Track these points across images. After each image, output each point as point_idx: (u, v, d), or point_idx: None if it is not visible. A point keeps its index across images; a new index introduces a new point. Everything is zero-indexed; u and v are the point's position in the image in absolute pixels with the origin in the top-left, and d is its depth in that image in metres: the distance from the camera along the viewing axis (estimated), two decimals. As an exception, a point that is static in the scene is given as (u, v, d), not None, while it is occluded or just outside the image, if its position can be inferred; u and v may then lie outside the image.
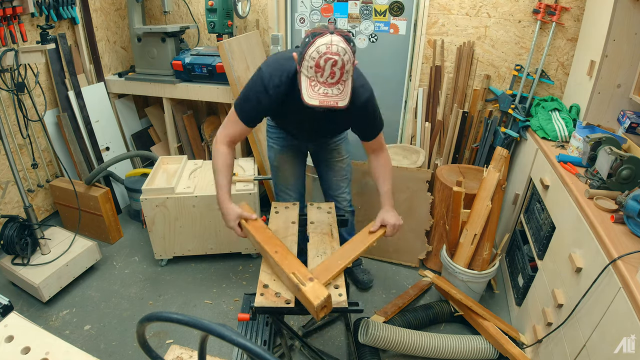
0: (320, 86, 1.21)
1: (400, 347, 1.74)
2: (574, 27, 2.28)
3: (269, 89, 1.41)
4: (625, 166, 1.47)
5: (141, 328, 0.61)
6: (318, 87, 1.22)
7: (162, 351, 1.40)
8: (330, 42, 1.18)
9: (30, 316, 1.98)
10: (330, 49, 1.18)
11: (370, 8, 2.66)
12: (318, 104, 1.21)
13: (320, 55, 1.18)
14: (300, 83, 1.26)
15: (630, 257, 1.17)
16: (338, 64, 1.19)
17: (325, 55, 1.17)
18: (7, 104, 2.22)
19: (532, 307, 1.79)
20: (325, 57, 1.17)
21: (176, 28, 2.61)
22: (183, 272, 2.35)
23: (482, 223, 1.88)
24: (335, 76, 1.20)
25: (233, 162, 1.55)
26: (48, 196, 2.63)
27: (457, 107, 2.59)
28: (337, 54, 1.18)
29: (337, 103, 1.23)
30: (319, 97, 1.21)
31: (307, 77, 1.23)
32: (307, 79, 1.23)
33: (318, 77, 1.21)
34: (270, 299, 1.27)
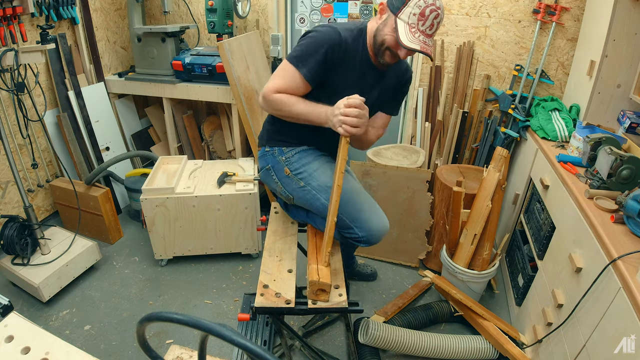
0: (420, 34, 1.24)
1: (400, 347, 1.74)
2: (574, 27, 2.28)
3: (343, 40, 1.32)
4: (625, 166, 1.47)
5: (141, 328, 0.61)
6: (418, 34, 1.24)
7: (162, 351, 1.40)
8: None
9: (30, 316, 1.98)
10: (435, 1, 1.22)
11: (370, 8, 2.66)
12: (419, 48, 1.23)
13: (427, 5, 1.21)
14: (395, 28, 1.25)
15: (630, 257, 1.17)
16: (439, 17, 1.24)
17: (431, 6, 1.22)
18: (7, 104, 2.22)
19: (532, 307, 1.79)
20: (431, 7, 1.22)
21: (176, 28, 2.61)
22: (183, 272, 2.35)
23: (482, 223, 1.88)
24: (433, 28, 1.25)
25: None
26: (48, 196, 2.63)
27: (457, 107, 2.59)
28: (439, 8, 1.24)
29: (432, 52, 1.28)
30: (419, 43, 1.24)
31: (406, 23, 1.24)
32: (406, 25, 1.24)
33: (419, 25, 1.23)
34: (270, 299, 1.27)
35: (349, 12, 2.71)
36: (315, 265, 1.29)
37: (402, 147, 2.55)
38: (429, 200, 2.25)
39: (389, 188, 2.29)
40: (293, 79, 1.35)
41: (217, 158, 3.00)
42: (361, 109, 1.22)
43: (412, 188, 2.26)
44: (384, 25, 1.31)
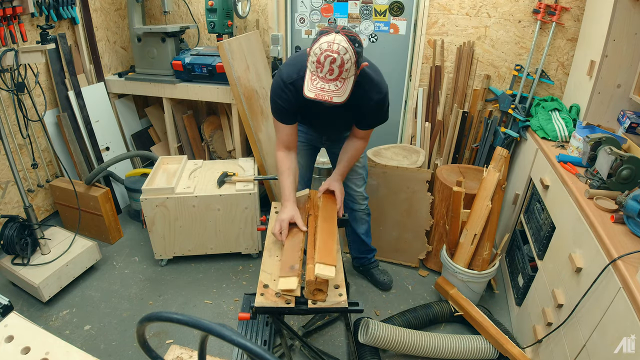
0: (319, 81, 1.29)
1: (400, 347, 1.74)
2: (574, 27, 2.28)
3: (287, 84, 1.51)
4: (625, 166, 1.47)
5: (141, 328, 0.61)
6: (317, 81, 1.30)
7: (162, 351, 1.40)
8: (332, 40, 1.25)
9: (30, 316, 1.98)
10: (331, 47, 1.24)
11: (370, 8, 2.66)
12: (313, 96, 1.30)
13: (322, 52, 1.25)
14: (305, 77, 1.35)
15: (630, 257, 1.17)
16: (337, 61, 1.25)
17: (326, 52, 1.25)
18: (7, 104, 2.22)
19: (532, 307, 1.79)
20: (326, 54, 1.25)
21: (176, 28, 2.61)
22: (183, 272, 2.35)
23: (482, 223, 1.88)
24: (334, 73, 1.27)
25: (293, 163, 1.66)
26: (48, 196, 2.63)
27: (457, 107, 2.59)
28: (337, 52, 1.24)
29: (331, 98, 1.30)
30: (315, 90, 1.30)
31: (310, 71, 1.31)
32: (309, 73, 1.32)
33: (318, 72, 1.28)
34: (270, 299, 1.27)
35: (349, 12, 2.71)
36: (312, 265, 1.29)
37: (402, 147, 2.55)
38: (429, 200, 2.25)
39: (389, 188, 2.29)
40: (280, 127, 1.63)
41: (217, 158, 3.00)
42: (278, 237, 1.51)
43: (412, 188, 2.26)
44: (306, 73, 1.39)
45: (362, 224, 2.13)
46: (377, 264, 2.30)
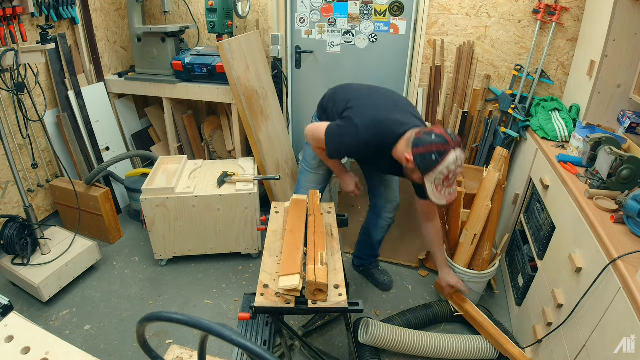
0: (445, 189, 1.43)
1: (401, 346, 1.74)
2: (574, 27, 2.28)
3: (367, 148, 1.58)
4: (625, 166, 1.47)
5: (141, 328, 0.61)
6: (444, 191, 1.42)
7: (162, 351, 1.40)
8: (456, 159, 1.36)
9: (30, 316, 1.98)
10: (457, 164, 1.37)
11: (370, 8, 2.66)
12: (446, 203, 1.44)
13: (450, 171, 1.37)
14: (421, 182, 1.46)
15: (630, 257, 1.17)
16: (459, 174, 1.42)
17: (455, 171, 1.38)
18: (7, 104, 2.22)
19: (532, 307, 1.79)
20: (454, 172, 1.38)
21: (176, 28, 2.60)
22: (183, 272, 2.35)
23: (482, 223, 1.88)
24: (455, 181, 1.44)
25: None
26: (48, 196, 2.63)
27: (457, 107, 2.59)
28: (461, 166, 1.40)
29: (455, 196, 1.48)
30: (445, 197, 1.43)
31: (433, 184, 1.42)
32: (433, 185, 1.42)
33: (444, 184, 1.41)
34: (270, 299, 1.27)
35: (349, 12, 2.71)
36: (312, 266, 1.29)
37: (402, 147, 2.55)
38: (429, 200, 2.25)
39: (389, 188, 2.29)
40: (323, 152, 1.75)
41: (217, 158, 3.00)
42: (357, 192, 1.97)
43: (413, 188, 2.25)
44: (412, 171, 1.49)
45: (382, 232, 2.12)
46: (377, 265, 2.30)
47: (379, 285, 2.26)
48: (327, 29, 2.81)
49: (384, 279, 2.25)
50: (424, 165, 1.39)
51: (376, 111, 1.60)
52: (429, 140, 1.38)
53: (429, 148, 1.37)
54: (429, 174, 1.39)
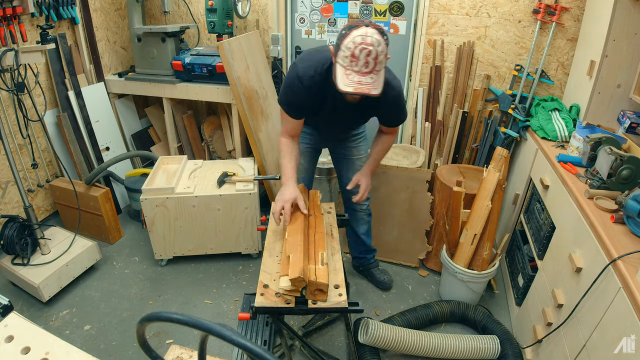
0: (354, 75, 1.28)
1: (401, 346, 1.74)
2: (574, 27, 2.28)
3: (304, 80, 1.51)
4: (625, 166, 1.47)
5: (141, 328, 0.61)
6: (353, 75, 1.28)
7: (162, 351, 1.39)
8: (365, 33, 1.25)
9: (30, 316, 1.98)
10: (365, 39, 1.24)
11: (370, 8, 2.66)
12: (353, 90, 1.28)
13: (356, 45, 1.24)
14: (335, 72, 1.33)
15: (630, 257, 1.17)
16: (372, 54, 1.25)
17: (361, 45, 1.24)
18: (7, 104, 2.22)
19: (532, 307, 1.79)
20: (361, 47, 1.24)
21: (176, 28, 2.61)
22: (183, 272, 2.35)
23: (482, 223, 1.88)
24: (369, 66, 1.27)
25: (295, 148, 1.69)
26: (48, 196, 2.63)
27: (457, 107, 2.59)
28: (372, 44, 1.24)
29: (370, 91, 1.30)
30: (353, 84, 1.28)
31: (342, 67, 1.29)
32: (342, 68, 1.29)
33: (353, 66, 1.27)
34: (270, 299, 1.27)
35: (349, 12, 2.71)
36: (313, 266, 1.29)
37: (402, 147, 2.55)
38: (429, 200, 2.25)
39: (389, 188, 2.29)
40: (288, 120, 1.65)
41: (217, 158, 3.00)
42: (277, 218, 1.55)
43: (412, 188, 2.26)
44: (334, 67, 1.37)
45: (363, 224, 2.13)
46: (377, 264, 2.30)
47: (379, 285, 2.27)
48: (327, 29, 2.81)
49: (384, 279, 2.25)
50: (336, 45, 1.31)
51: (314, 49, 1.60)
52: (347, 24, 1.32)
53: (343, 27, 1.31)
54: (338, 53, 1.30)
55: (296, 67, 1.54)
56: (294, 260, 1.27)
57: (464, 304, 1.99)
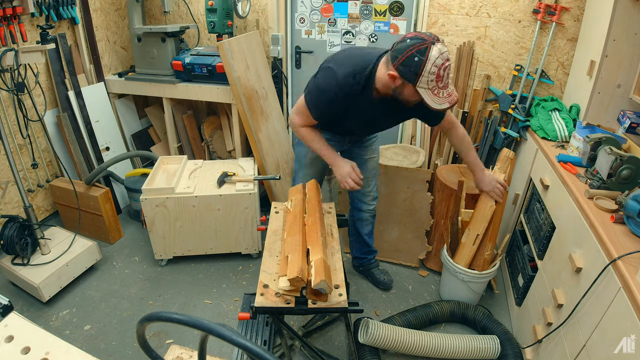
0: (442, 91, 1.32)
1: (401, 346, 1.74)
2: (574, 27, 2.28)
3: (344, 87, 1.48)
4: (625, 166, 1.47)
5: (141, 328, 0.61)
6: (441, 92, 1.32)
7: (162, 351, 1.39)
8: (440, 52, 1.26)
9: (30, 316, 1.98)
10: (443, 56, 1.27)
11: (370, 8, 2.66)
12: (448, 105, 1.33)
13: (439, 67, 1.27)
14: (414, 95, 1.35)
15: (630, 257, 1.17)
16: (449, 67, 1.31)
17: (444, 64, 1.27)
18: (7, 104, 2.22)
19: (532, 307, 1.79)
20: (444, 66, 1.28)
21: (176, 28, 2.60)
22: (183, 272, 2.35)
23: (485, 224, 1.88)
24: (450, 77, 1.33)
25: (318, 132, 1.69)
26: (48, 196, 2.63)
27: (457, 107, 2.59)
28: (448, 59, 1.29)
29: (456, 96, 1.35)
30: (446, 99, 1.33)
31: (429, 89, 1.31)
32: (428, 91, 1.31)
33: (439, 85, 1.30)
34: (270, 299, 1.27)
35: (349, 12, 2.71)
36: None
37: (402, 147, 2.55)
38: (429, 200, 2.25)
39: (389, 188, 2.29)
40: (309, 118, 1.63)
41: (217, 158, 3.00)
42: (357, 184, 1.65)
43: (412, 188, 2.26)
44: (402, 89, 1.38)
45: (367, 225, 2.13)
46: (377, 264, 2.30)
47: (379, 285, 2.27)
48: (327, 29, 2.81)
49: (384, 279, 2.25)
50: (411, 71, 1.29)
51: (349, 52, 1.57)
52: (405, 45, 1.29)
53: (407, 53, 1.27)
54: (419, 79, 1.29)
55: (334, 73, 1.48)
56: (292, 260, 1.27)
57: (464, 304, 1.99)
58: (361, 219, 2.11)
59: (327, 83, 1.50)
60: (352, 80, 1.46)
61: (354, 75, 1.46)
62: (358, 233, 2.16)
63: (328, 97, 1.51)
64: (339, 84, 1.47)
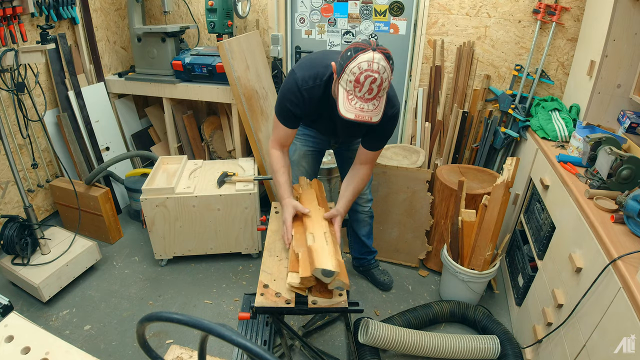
0: (357, 100, 1.24)
1: (401, 346, 1.74)
2: (574, 27, 2.28)
3: (301, 89, 1.47)
4: (625, 166, 1.47)
5: (141, 328, 0.61)
6: (355, 101, 1.24)
7: (162, 351, 1.40)
8: (372, 59, 1.20)
9: (30, 316, 1.98)
10: (371, 66, 1.20)
11: (370, 8, 2.66)
12: (353, 117, 1.24)
13: (361, 72, 1.20)
14: (336, 93, 1.29)
15: (630, 257, 1.17)
16: (377, 81, 1.21)
17: (366, 72, 1.20)
18: (7, 104, 2.22)
19: (532, 307, 1.79)
20: (366, 74, 1.20)
21: (176, 28, 2.60)
22: (183, 272, 2.35)
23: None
24: (373, 92, 1.23)
25: (288, 162, 1.65)
26: (48, 196, 2.63)
27: (457, 107, 2.59)
28: (377, 71, 1.20)
29: (371, 118, 1.26)
30: (355, 111, 1.24)
31: (344, 90, 1.25)
32: (344, 92, 1.25)
33: (356, 91, 1.23)
34: (270, 299, 1.27)
35: (349, 12, 2.71)
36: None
37: (402, 147, 2.55)
38: (429, 200, 2.25)
39: (389, 188, 2.29)
40: (280, 128, 1.59)
41: (217, 158, 3.00)
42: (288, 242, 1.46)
43: (412, 188, 2.26)
44: (334, 85, 1.34)
45: (364, 226, 2.13)
46: (377, 264, 2.30)
47: (379, 285, 2.27)
48: (327, 29, 2.81)
49: (384, 279, 2.25)
50: (341, 64, 1.25)
51: (314, 56, 1.56)
52: (353, 42, 1.26)
53: (349, 47, 1.25)
54: (341, 75, 1.24)
55: (295, 75, 1.49)
56: (304, 258, 1.27)
57: (464, 304, 1.99)
58: (357, 220, 2.11)
59: (289, 85, 1.50)
60: (312, 83, 1.46)
61: (315, 78, 1.46)
62: (356, 234, 2.16)
63: (290, 100, 1.50)
64: (298, 85, 1.47)
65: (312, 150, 1.93)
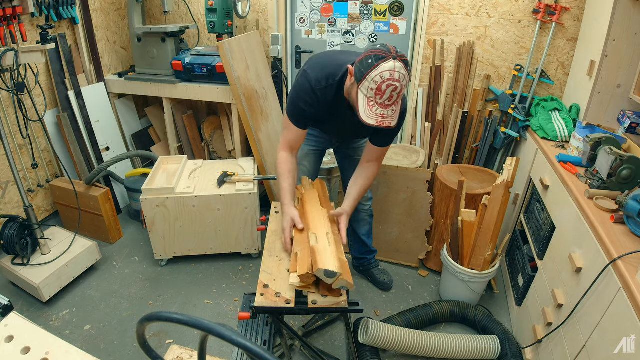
0: (377, 107, 1.27)
1: (401, 346, 1.74)
2: (574, 27, 2.28)
3: (317, 91, 1.49)
4: (625, 166, 1.47)
5: (141, 328, 0.61)
6: (376, 107, 1.27)
7: (162, 351, 1.40)
8: (393, 68, 1.22)
9: (30, 316, 1.98)
10: (393, 75, 1.22)
11: (370, 8, 2.66)
12: (375, 124, 1.27)
13: (383, 81, 1.22)
14: (355, 98, 1.31)
15: (630, 257, 1.17)
16: (397, 89, 1.24)
17: (388, 81, 1.22)
18: (7, 104, 2.22)
19: (532, 307, 1.79)
20: (388, 82, 1.22)
21: (176, 28, 2.60)
22: (183, 272, 2.35)
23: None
24: (392, 99, 1.26)
25: (294, 166, 1.63)
26: (48, 196, 2.63)
27: (457, 107, 2.59)
28: (398, 80, 1.23)
29: (390, 123, 1.29)
30: (376, 117, 1.27)
31: (365, 97, 1.28)
32: (365, 98, 1.28)
33: (377, 99, 1.26)
34: (270, 299, 1.27)
35: (349, 12, 2.71)
36: None
37: (402, 147, 2.55)
38: (429, 200, 2.25)
39: (389, 188, 2.29)
40: (291, 129, 1.60)
41: (217, 158, 3.00)
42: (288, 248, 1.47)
43: (412, 188, 2.26)
44: (351, 89, 1.37)
45: (364, 225, 2.13)
46: (377, 264, 2.30)
47: (379, 285, 2.27)
48: (327, 29, 2.81)
49: (384, 279, 2.25)
50: (361, 70, 1.26)
51: (325, 56, 1.57)
52: (371, 47, 1.28)
53: (368, 53, 1.26)
54: (362, 81, 1.26)
55: (308, 76, 1.50)
56: (302, 256, 1.28)
57: (464, 304, 1.99)
58: (357, 219, 2.11)
59: (303, 86, 1.51)
60: (326, 83, 1.48)
61: (327, 78, 1.48)
62: (356, 233, 2.16)
63: (304, 100, 1.51)
64: (312, 86, 1.49)
65: (314, 150, 1.93)
